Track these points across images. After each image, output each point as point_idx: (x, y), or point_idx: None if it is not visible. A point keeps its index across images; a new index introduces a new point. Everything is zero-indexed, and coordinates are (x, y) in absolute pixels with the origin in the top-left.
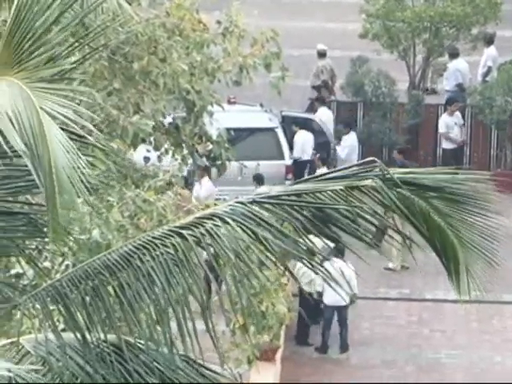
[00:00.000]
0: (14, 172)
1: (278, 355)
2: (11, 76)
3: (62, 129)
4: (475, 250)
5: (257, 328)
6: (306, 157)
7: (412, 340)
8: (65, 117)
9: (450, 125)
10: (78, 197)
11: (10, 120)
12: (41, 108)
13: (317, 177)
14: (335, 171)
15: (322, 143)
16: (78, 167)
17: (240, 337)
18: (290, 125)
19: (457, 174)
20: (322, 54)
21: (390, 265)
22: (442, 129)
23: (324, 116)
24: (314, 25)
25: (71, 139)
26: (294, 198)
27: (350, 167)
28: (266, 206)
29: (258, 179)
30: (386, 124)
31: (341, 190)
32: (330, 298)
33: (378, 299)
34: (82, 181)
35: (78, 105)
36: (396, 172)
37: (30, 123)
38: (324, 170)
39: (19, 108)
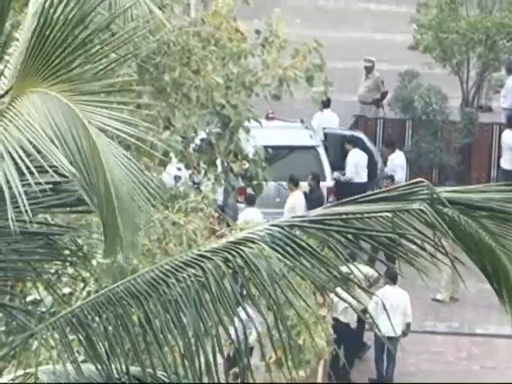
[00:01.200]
0: (31, 189)
1: None
2: (44, 88)
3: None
4: None
5: (293, 363)
6: (359, 179)
7: (461, 378)
8: (117, 129)
9: None
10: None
11: (51, 138)
12: (89, 122)
13: (360, 198)
14: (381, 192)
15: (369, 164)
16: (139, 181)
17: (275, 372)
18: (333, 143)
19: (510, 190)
20: (371, 67)
21: (439, 296)
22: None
23: (328, 118)
24: (361, 35)
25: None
26: (339, 222)
27: (396, 188)
28: (307, 230)
29: (294, 181)
30: (436, 143)
31: (388, 214)
32: (382, 327)
33: (425, 333)
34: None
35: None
36: (444, 191)
37: (77, 140)
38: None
39: (61, 123)
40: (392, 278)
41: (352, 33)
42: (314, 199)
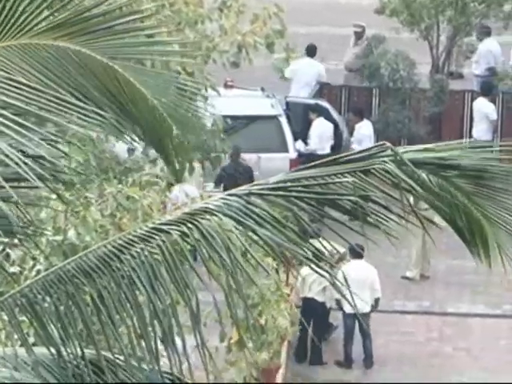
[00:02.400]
0: None
1: (279, 375)
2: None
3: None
4: (503, 228)
5: (255, 344)
6: (321, 150)
7: (432, 359)
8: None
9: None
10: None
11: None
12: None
13: (321, 163)
14: (342, 156)
15: (334, 134)
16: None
17: (236, 354)
18: (295, 112)
19: (482, 148)
20: (361, 33)
21: (408, 273)
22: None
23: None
24: None
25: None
26: (299, 188)
27: (359, 152)
28: (267, 198)
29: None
30: (404, 112)
31: (352, 174)
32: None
33: (394, 312)
34: (53, 175)
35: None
36: (412, 150)
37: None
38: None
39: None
40: (357, 253)
41: None
42: (240, 173)
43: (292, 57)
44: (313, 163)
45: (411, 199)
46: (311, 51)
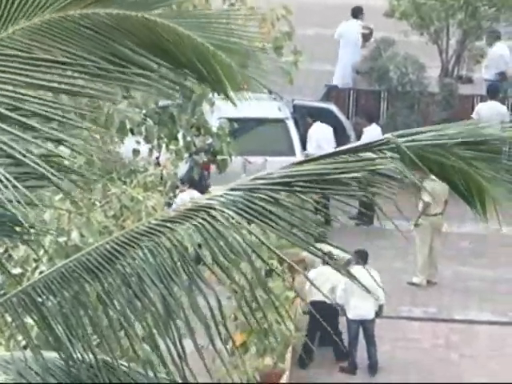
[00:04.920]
0: None
1: (283, 381)
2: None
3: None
4: (502, 187)
5: (258, 348)
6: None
7: (438, 366)
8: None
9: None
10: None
11: None
12: None
13: (323, 156)
14: (347, 149)
15: (339, 138)
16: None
17: (239, 358)
18: (303, 115)
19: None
20: (369, 34)
21: (415, 279)
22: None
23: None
24: (333, 0)
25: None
26: (302, 183)
27: (360, 145)
28: (269, 193)
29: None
30: (413, 116)
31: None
32: (354, 310)
33: (400, 318)
34: (56, 175)
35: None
36: (408, 133)
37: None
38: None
39: None
40: (362, 258)
41: None
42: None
43: (300, 60)
44: (314, 157)
45: (420, 205)
46: (356, 12)
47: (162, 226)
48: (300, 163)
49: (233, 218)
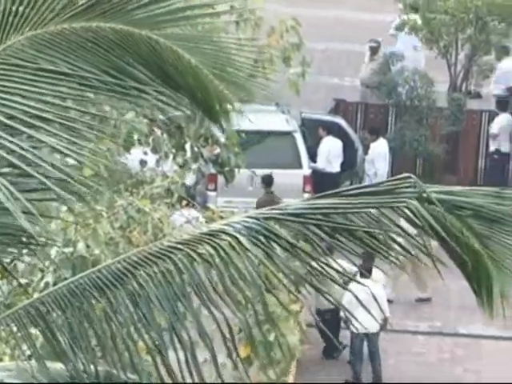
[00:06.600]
0: None
1: None
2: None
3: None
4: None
5: (263, 361)
6: (330, 168)
7: (443, 380)
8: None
9: None
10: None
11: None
12: None
13: (343, 191)
14: (365, 186)
15: (347, 152)
16: None
17: (243, 371)
18: (311, 128)
19: (499, 193)
20: (377, 47)
21: (421, 294)
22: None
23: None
24: (343, 14)
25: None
26: (320, 217)
27: (381, 183)
28: (287, 223)
29: (267, 181)
30: (421, 131)
31: (374, 207)
32: (358, 323)
33: (406, 332)
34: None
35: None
36: (432, 191)
37: None
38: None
39: None
40: (367, 271)
41: (334, 11)
42: None
43: (307, 71)
44: (333, 191)
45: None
46: None
47: (174, 248)
48: (316, 198)
49: (243, 245)
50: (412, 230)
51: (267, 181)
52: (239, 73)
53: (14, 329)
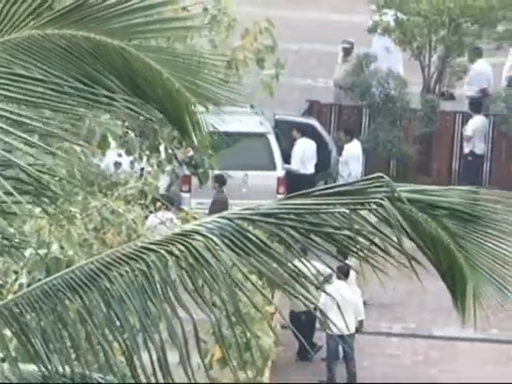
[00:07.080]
0: None
1: None
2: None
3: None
4: (487, 276)
5: (238, 362)
6: (304, 170)
7: (417, 382)
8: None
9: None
10: None
11: None
12: None
13: (315, 191)
14: (337, 186)
15: (321, 153)
16: None
17: (218, 372)
18: (284, 130)
19: (474, 193)
20: (350, 49)
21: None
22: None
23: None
24: (316, 16)
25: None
26: (292, 216)
27: (354, 183)
28: (259, 224)
29: (220, 181)
30: (394, 132)
31: (346, 207)
32: (333, 325)
33: (380, 334)
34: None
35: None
36: (405, 190)
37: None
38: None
39: None
40: (344, 273)
41: (307, 13)
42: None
43: (281, 73)
44: (305, 191)
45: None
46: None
47: (147, 248)
48: (288, 198)
49: (217, 245)
50: (389, 230)
51: (220, 180)
52: (212, 78)
53: None
